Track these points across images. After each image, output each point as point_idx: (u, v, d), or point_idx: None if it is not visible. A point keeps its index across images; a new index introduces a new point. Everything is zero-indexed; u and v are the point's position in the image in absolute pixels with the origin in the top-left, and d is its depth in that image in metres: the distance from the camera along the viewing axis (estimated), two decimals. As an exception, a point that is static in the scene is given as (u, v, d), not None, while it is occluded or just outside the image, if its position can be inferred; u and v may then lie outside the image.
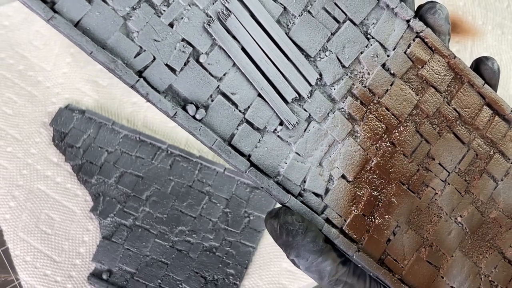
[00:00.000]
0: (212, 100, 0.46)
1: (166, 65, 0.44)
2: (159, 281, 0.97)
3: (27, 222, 1.02)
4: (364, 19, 0.50)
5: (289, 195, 0.47)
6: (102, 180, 1.03)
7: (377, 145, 0.50)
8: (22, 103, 1.10)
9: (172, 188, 1.02)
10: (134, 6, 0.43)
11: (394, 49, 0.51)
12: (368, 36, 0.50)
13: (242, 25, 0.46)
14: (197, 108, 0.45)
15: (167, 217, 1.00)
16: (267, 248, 1.01)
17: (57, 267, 0.99)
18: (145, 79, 0.44)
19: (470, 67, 0.53)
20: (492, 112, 0.54)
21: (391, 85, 0.51)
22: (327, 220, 0.49)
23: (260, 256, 1.00)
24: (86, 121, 1.07)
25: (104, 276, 0.97)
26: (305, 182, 0.48)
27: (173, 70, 0.45)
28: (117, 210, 1.01)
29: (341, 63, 0.49)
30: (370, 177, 0.50)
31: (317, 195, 0.49)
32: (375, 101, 0.50)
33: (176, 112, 0.44)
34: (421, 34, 0.51)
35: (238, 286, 0.97)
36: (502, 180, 0.55)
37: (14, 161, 1.06)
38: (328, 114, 0.49)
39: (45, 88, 1.11)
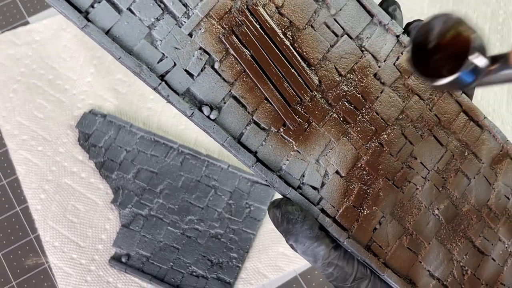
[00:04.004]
0: (225, 103, 0.45)
1: (185, 70, 0.44)
2: (171, 263, 0.96)
3: (56, 212, 1.01)
4: (360, 33, 0.50)
5: (290, 187, 0.47)
6: (122, 175, 1.03)
7: (367, 145, 0.50)
8: (51, 108, 1.10)
9: (182, 182, 1.02)
10: (158, 17, 0.43)
11: (384, 61, 0.50)
12: (363, 48, 0.50)
13: (253, 36, 0.45)
14: (211, 109, 0.44)
15: (178, 207, 1.00)
16: (266, 235, 1.01)
17: (82, 251, 0.99)
18: (166, 82, 0.43)
19: None
20: (467, 118, 0.54)
21: (381, 92, 0.50)
22: (322, 210, 0.48)
23: (260, 242, 1.00)
24: (107, 124, 1.07)
25: (123, 259, 0.96)
26: (304, 176, 0.48)
27: (191, 75, 0.44)
28: (134, 201, 1.01)
29: (338, 72, 0.49)
30: (361, 173, 0.50)
31: (314, 188, 0.48)
32: (367, 106, 0.50)
33: (193, 112, 0.44)
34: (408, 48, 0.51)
35: (240, 268, 0.97)
36: (474, 178, 0.55)
37: (44, 159, 1.06)
38: (325, 116, 0.48)
39: (72, 95, 1.11)
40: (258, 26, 0.45)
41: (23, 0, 1.20)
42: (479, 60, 0.39)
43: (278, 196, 1.01)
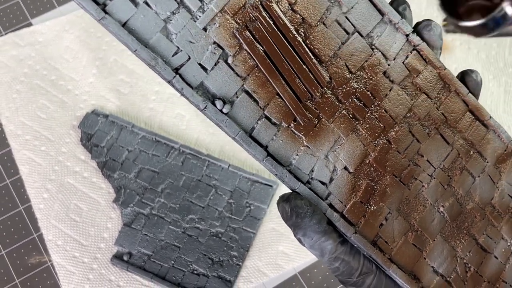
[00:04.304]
0: (237, 97, 0.45)
1: (199, 64, 0.43)
2: (172, 262, 0.96)
3: (59, 211, 1.01)
4: (370, 32, 0.50)
5: (299, 182, 0.47)
6: (123, 175, 1.02)
7: (376, 142, 0.50)
8: (54, 108, 1.10)
9: (183, 182, 1.02)
10: (174, 11, 0.43)
11: (394, 59, 0.50)
12: (373, 46, 0.50)
13: (266, 32, 0.45)
14: (224, 103, 0.44)
15: (179, 207, 1.00)
16: (266, 234, 1.00)
17: (84, 250, 0.98)
18: (180, 75, 0.43)
19: (456, 77, 0.53)
20: (473, 117, 0.54)
21: (390, 90, 0.50)
22: (330, 205, 0.48)
23: (260, 241, 1.00)
24: (110, 124, 1.06)
25: (125, 258, 0.96)
26: (313, 171, 0.48)
27: (204, 69, 0.44)
28: (136, 201, 1.00)
29: (348, 69, 0.48)
30: (368, 169, 0.50)
31: (322, 183, 0.48)
32: (376, 104, 0.50)
33: (206, 105, 0.43)
34: (417, 47, 0.51)
35: (241, 266, 0.97)
36: (478, 176, 0.55)
37: (47, 158, 1.05)
38: (335, 113, 0.48)
39: (74, 95, 1.11)
40: (271, 22, 0.45)
41: (26, 2, 1.20)
42: (510, 9, 0.41)
43: (277, 196, 1.01)
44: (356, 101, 0.49)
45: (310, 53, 0.47)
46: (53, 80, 1.12)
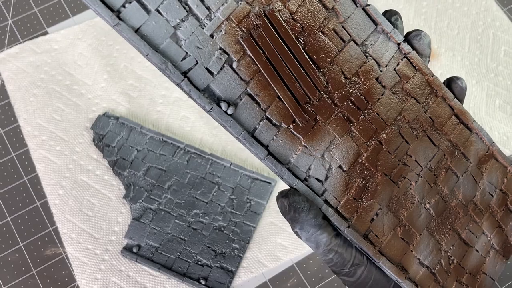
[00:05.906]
0: (241, 99, 0.45)
1: (206, 68, 0.43)
2: (178, 253, 0.95)
3: (73, 206, 1.01)
4: (364, 40, 0.50)
5: (297, 179, 0.47)
6: (133, 172, 1.02)
7: (368, 143, 0.50)
8: (68, 111, 1.09)
9: (188, 179, 1.01)
10: (183, 19, 0.43)
11: (386, 66, 0.50)
12: (367, 54, 0.50)
13: (268, 39, 0.45)
14: (229, 105, 0.44)
15: (185, 202, 0.99)
16: (265, 227, 1.00)
17: (96, 242, 0.98)
18: (189, 79, 0.43)
19: (443, 83, 0.54)
20: (458, 121, 0.54)
21: (382, 95, 0.50)
22: (326, 201, 0.48)
23: (259, 234, 0.99)
24: (120, 125, 1.06)
25: (134, 250, 0.96)
26: (310, 169, 0.48)
27: (211, 73, 0.44)
28: (144, 197, 1.00)
29: (344, 75, 0.49)
30: (361, 168, 0.50)
31: (318, 180, 0.48)
32: (369, 107, 0.50)
33: (212, 107, 0.43)
34: (408, 55, 0.51)
35: (242, 258, 0.96)
36: (462, 176, 0.55)
37: (62, 157, 1.05)
38: (331, 115, 0.48)
39: (87, 99, 1.11)
40: (273, 30, 0.45)
41: (43, 11, 1.20)
42: None
43: (276, 192, 1.01)
44: (350, 104, 0.49)
45: (309, 60, 0.47)
46: (68, 84, 1.12)
